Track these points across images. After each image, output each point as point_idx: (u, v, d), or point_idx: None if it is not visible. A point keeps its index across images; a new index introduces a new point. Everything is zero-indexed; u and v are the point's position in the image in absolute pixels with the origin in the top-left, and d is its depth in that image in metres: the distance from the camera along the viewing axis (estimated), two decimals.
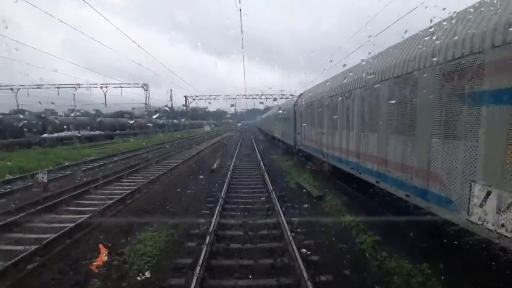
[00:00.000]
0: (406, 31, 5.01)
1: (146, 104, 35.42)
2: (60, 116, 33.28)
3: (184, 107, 59.76)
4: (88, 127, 36.23)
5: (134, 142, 32.50)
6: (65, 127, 33.00)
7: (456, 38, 3.61)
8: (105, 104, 36.03)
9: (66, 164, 14.85)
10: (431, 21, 4.29)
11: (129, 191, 8.66)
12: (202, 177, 11.33)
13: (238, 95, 49.55)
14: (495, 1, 3.28)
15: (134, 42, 19.21)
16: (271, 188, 8.84)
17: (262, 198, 8.24)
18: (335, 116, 8.25)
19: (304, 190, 8.95)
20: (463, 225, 3.52)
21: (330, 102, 8.85)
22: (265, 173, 11.35)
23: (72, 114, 38.14)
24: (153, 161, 15.51)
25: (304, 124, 13.01)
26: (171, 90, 41.27)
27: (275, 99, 48.75)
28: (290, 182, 10.17)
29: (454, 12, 3.92)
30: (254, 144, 25.93)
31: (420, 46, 4.43)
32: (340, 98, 7.84)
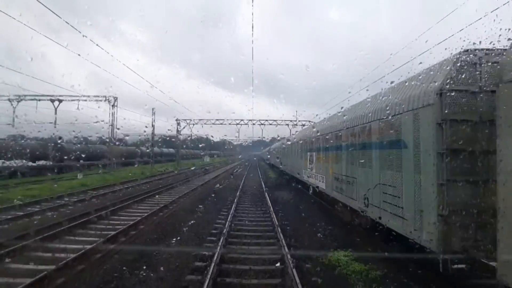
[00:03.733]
0: None
1: (111, 125, 24.58)
2: None
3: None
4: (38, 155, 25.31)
5: (82, 179, 21.20)
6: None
7: None
8: (55, 123, 25.44)
9: None
10: None
11: None
12: None
13: (242, 120, 39.25)
14: None
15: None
16: None
17: None
18: None
19: None
20: None
21: None
22: None
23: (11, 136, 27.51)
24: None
25: None
26: (153, 109, 30.84)
27: (293, 124, 38.01)
28: None
29: None
30: (266, 195, 14.08)
31: None
32: None
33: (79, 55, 13.41)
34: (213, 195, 14.82)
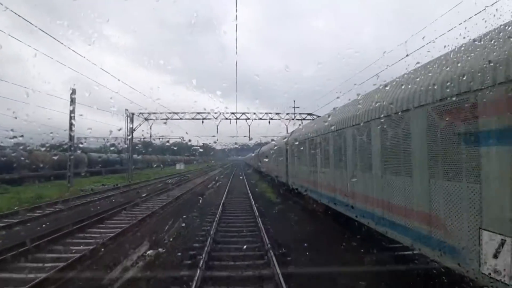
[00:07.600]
0: None
1: None
2: None
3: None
4: None
5: None
6: None
7: None
8: None
9: None
10: None
11: None
12: None
13: (221, 112, 28.57)
14: None
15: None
16: None
17: None
18: None
19: None
20: None
21: None
22: None
23: None
24: None
25: None
26: (73, 89, 19.53)
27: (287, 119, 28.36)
28: None
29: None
30: None
31: None
32: None
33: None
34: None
